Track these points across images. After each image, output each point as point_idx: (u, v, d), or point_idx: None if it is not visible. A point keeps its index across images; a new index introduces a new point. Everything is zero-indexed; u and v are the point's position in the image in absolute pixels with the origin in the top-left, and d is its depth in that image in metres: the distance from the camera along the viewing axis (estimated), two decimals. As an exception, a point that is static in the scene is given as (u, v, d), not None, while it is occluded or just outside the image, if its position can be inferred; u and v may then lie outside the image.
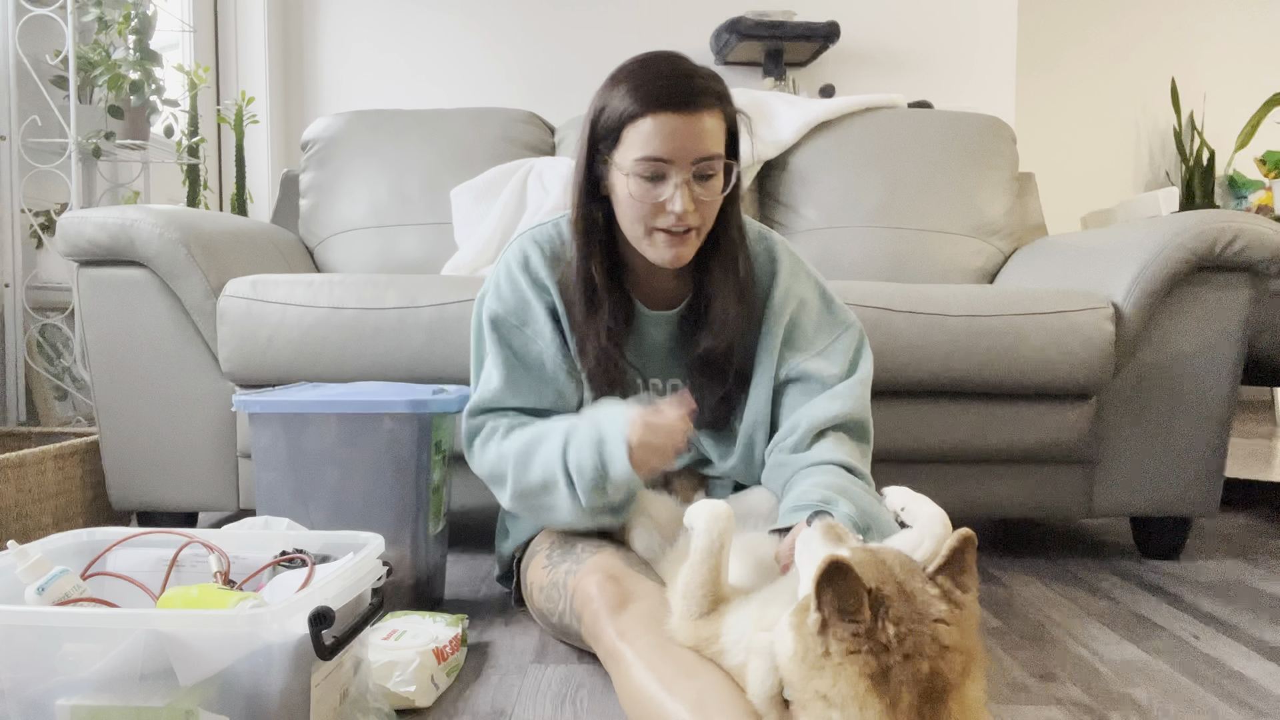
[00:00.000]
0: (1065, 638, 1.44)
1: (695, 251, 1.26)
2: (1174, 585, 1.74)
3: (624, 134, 1.20)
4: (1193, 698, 1.21)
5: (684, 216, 1.19)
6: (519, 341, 1.31)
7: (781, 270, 1.35)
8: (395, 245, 2.37)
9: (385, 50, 3.32)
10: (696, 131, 1.18)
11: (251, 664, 0.83)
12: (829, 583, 0.79)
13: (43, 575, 0.96)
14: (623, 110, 1.19)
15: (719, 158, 1.21)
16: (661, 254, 1.23)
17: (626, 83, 1.20)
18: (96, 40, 2.36)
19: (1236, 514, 2.40)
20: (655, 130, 1.17)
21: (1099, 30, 4.67)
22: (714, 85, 1.21)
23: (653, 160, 1.18)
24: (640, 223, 1.22)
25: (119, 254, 1.81)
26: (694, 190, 1.19)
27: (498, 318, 1.32)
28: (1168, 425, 1.82)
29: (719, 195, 1.23)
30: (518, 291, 1.31)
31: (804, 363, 1.31)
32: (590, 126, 1.25)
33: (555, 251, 1.32)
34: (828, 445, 1.25)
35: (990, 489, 1.84)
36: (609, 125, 1.21)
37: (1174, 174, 4.66)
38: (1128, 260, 1.80)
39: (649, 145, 1.18)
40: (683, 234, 1.22)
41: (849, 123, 2.45)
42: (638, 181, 1.20)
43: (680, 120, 1.17)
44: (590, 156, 1.26)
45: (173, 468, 1.86)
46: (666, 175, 1.19)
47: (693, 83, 1.19)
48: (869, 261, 2.31)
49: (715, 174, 1.21)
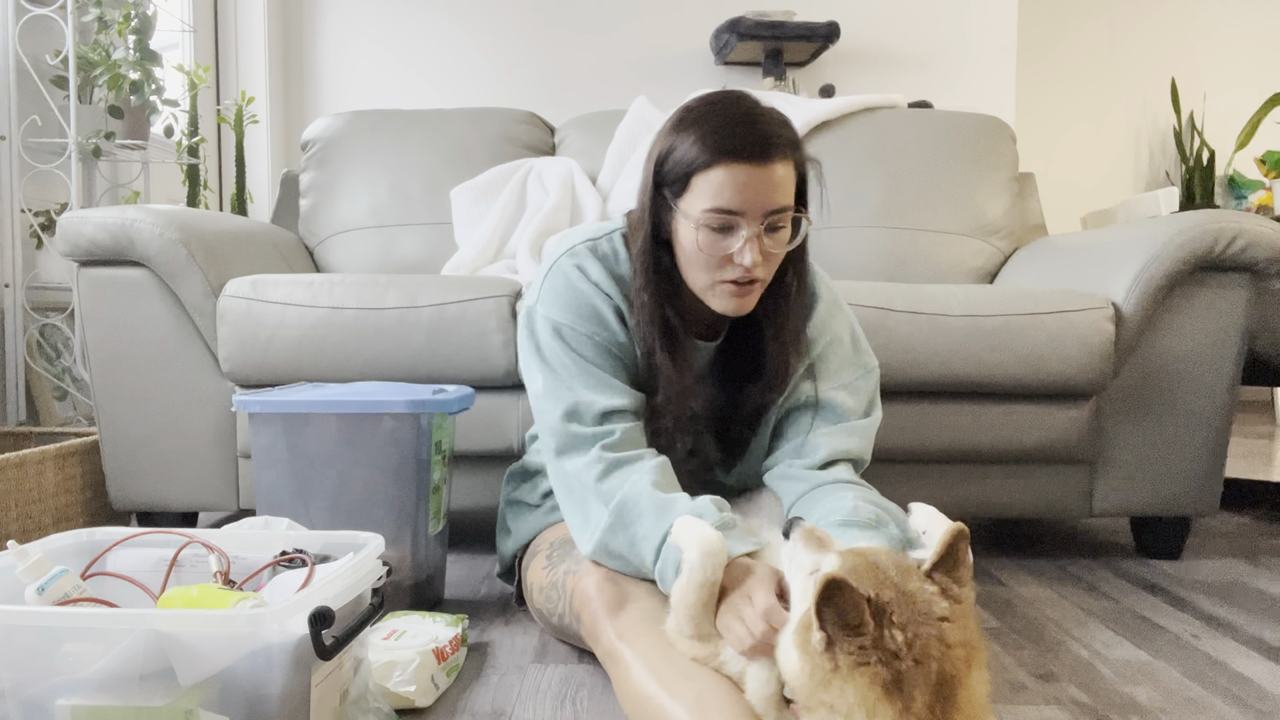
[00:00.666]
0: (1065, 638, 1.44)
1: (757, 301, 1.22)
2: (1174, 585, 1.74)
3: (692, 182, 1.15)
4: (1193, 697, 1.21)
5: (752, 270, 1.15)
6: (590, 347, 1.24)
7: (821, 306, 1.33)
8: (395, 245, 2.37)
9: (385, 50, 3.32)
10: (768, 183, 1.13)
11: (251, 664, 0.83)
12: (828, 602, 0.78)
13: (43, 575, 0.96)
14: (693, 159, 1.14)
15: (789, 209, 1.16)
16: (725, 305, 1.20)
17: (696, 128, 1.15)
18: (96, 40, 2.36)
19: (1236, 514, 2.40)
20: (727, 181, 1.12)
21: (1099, 30, 4.67)
22: (786, 133, 1.16)
23: (723, 213, 1.13)
24: (706, 273, 1.18)
25: (119, 254, 1.81)
26: (763, 243, 1.15)
27: (562, 325, 1.24)
28: (1168, 425, 1.82)
29: (786, 247, 1.19)
30: (583, 297, 1.25)
31: (829, 392, 1.29)
32: (655, 167, 1.20)
33: (610, 266, 1.27)
34: (841, 470, 1.26)
35: (990, 489, 1.84)
36: (677, 171, 1.17)
37: (1174, 174, 4.66)
38: (1128, 260, 1.80)
39: (720, 196, 1.13)
40: (748, 284, 1.18)
41: (849, 123, 2.45)
42: (706, 233, 1.15)
43: (752, 171, 1.12)
44: (655, 199, 1.21)
45: (173, 468, 1.86)
46: (736, 227, 1.14)
47: (765, 130, 1.13)
48: (869, 261, 2.31)
49: (785, 226, 1.17)
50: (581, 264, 1.26)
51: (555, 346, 1.24)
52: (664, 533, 1.10)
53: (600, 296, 1.24)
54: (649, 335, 1.23)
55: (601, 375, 1.22)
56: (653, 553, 1.11)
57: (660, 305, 1.23)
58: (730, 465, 1.37)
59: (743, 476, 1.37)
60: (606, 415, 1.20)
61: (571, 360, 1.23)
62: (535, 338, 1.26)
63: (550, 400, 1.23)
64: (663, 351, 1.23)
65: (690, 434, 1.30)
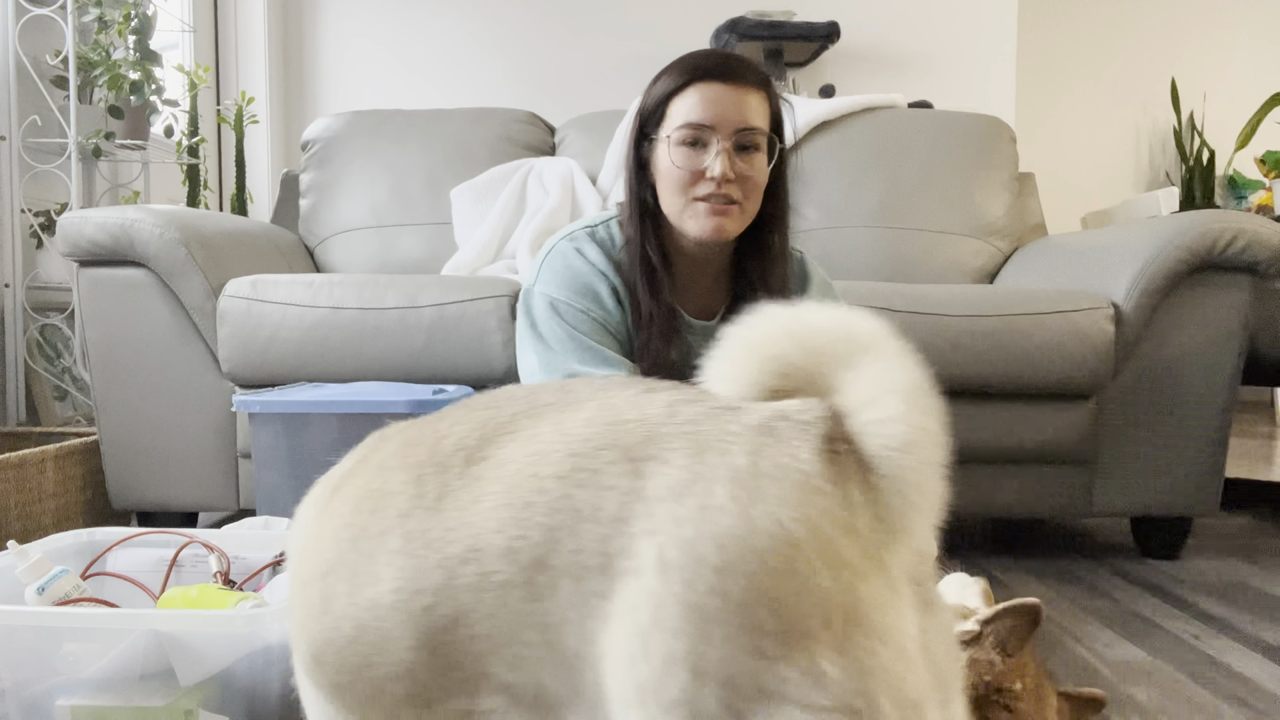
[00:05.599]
0: (1065, 638, 1.44)
1: (738, 229, 1.23)
2: (1174, 585, 1.74)
3: (669, 109, 1.21)
4: (1193, 697, 1.21)
5: (723, 183, 1.18)
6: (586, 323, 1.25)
7: (811, 291, 1.34)
8: (395, 245, 2.37)
9: (385, 50, 3.32)
10: (739, 101, 1.18)
11: (251, 664, 0.83)
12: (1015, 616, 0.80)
13: (43, 575, 0.96)
14: (667, 87, 1.21)
15: (761, 131, 1.20)
16: (702, 224, 1.21)
17: (671, 69, 1.23)
18: (96, 40, 2.36)
19: (1236, 514, 2.40)
20: (698, 98, 1.19)
21: (1099, 30, 4.67)
22: (758, 70, 1.23)
23: (694, 126, 1.19)
24: (681, 193, 1.21)
25: (119, 254, 1.81)
26: (735, 160, 1.19)
27: (559, 301, 1.25)
28: (1168, 425, 1.82)
29: (762, 172, 1.22)
30: (580, 276, 1.26)
31: None
32: (637, 116, 1.26)
33: (608, 251, 1.29)
34: None
35: (990, 489, 1.84)
36: (654, 104, 1.23)
37: (1174, 174, 4.66)
38: (1128, 260, 1.80)
39: (692, 112, 1.19)
40: (724, 205, 1.20)
41: (849, 123, 2.45)
42: (679, 149, 1.20)
43: (723, 89, 1.18)
44: (638, 143, 1.26)
45: (173, 468, 1.86)
46: (708, 142, 1.19)
47: (737, 60, 1.21)
48: (869, 261, 2.31)
49: (758, 149, 1.21)
50: (580, 246, 1.28)
51: (551, 322, 1.25)
52: None
53: (597, 276, 1.26)
54: (634, 275, 1.25)
55: (597, 349, 1.23)
56: None
57: (642, 242, 1.25)
58: None
59: None
60: None
61: (567, 335, 1.24)
62: (531, 314, 1.28)
63: (545, 375, 1.24)
64: (645, 286, 1.24)
65: None
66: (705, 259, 1.28)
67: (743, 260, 1.29)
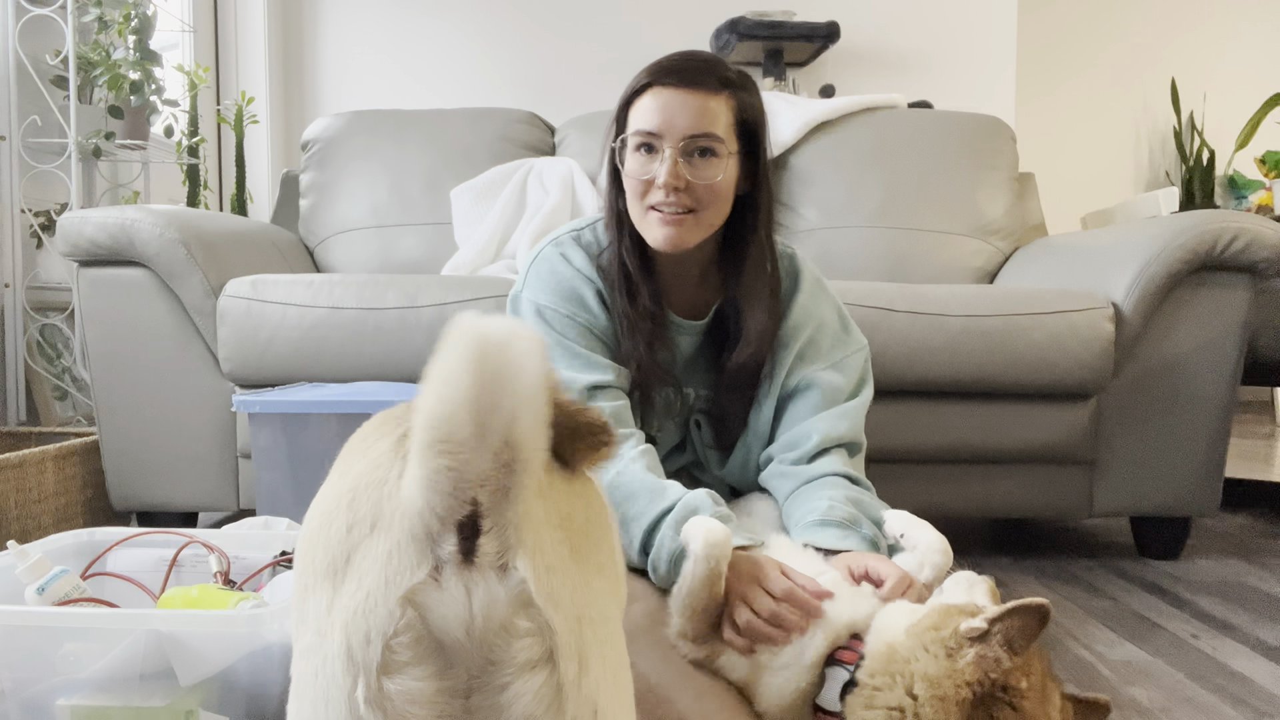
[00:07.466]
0: (1065, 638, 1.44)
1: (696, 239, 1.22)
2: (1174, 585, 1.74)
3: (630, 112, 1.20)
4: (1193, 697, 1.21)
5: (670, 191, 1.17)
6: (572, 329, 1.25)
7: (803, 289, 1.32)
8: (395, 245, 2.37)
9: (385, 50, 3.32)
10: (691, 107, 1.16)
11: (251, 664, 0.83)
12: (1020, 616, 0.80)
13: (43, 575, 0.96)
14: (628, 91, 1.21)
15: (714, 138, 1.17)
16: (655, 234, 1.20)
17: (641, 71, 1.21)
18: (96, 40, 2.36)
19: (1236, 514, 2.40)
20: (651, 104, 1.17)
21: (1099, 30, 4.67)
22: (723, 72, 1.20)
23: (644, 133, 1.17)
24: (638, 201, 1.21)
25: (119, 254, 1.81)
26: (683, 167, 1.17)
27: (545, 308, 1.25)
28: (1168, 425, 1.82)
29: (715, 179, 1.19)
30: (565, 281, 1.26)
31: (819, 373, 1.28)
32: (614, 116, 1.25)
33: (593, 254, 1.28)
34: (831, 459, 1.24)
35: (990, 489, 1.84)
36: (619, 107, 1.22)
37: (1174, 174, 4.66)
38: (1128, 260, 1.80)
39: (644, 118, 1.18)
40: (677, 215, 1.18)
41: (849, 123, 2.45)
42: (633, 156, 1.19)
43: (674, 94, 1.16)
44: (615, 147, 1.25)
45: (173, 468, 1.86)
46: (658, 149, 1.17)
47: (702, 62, 1.19)
48: (869, 261, 2.31)
49: (715, 155, 1.18)
50: (565, 251, 1.28)
51: (538, 328, 1.24)
52: (656, 515, 1.09)
53: (582, 280, 1.25)
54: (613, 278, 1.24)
55: (584, 354, 1.22)
56: (643, 533, 1.10)
57: (619, 248, 1.24)
58: (722, 459, 1.36)
59: (736, 478, 1.36)
60: (591, 392, 1.21)
61: (554, 340, 1.23)
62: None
63: None
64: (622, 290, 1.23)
65: (679, 414, 1.30)
66: (684, 261, 1.27)
67: (727, 262, 1.29)
